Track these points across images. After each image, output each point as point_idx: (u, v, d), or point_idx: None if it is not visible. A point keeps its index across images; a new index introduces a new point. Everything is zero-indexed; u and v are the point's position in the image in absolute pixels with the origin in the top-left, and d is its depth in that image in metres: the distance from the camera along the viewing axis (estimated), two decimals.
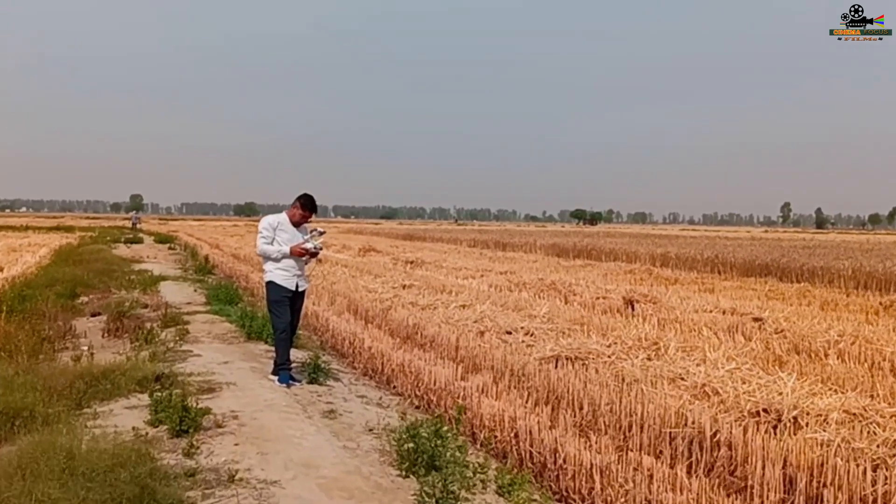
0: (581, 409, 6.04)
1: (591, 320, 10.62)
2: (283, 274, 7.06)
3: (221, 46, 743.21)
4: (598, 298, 13.76)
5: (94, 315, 10.95)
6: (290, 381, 6.73)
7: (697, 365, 6.70)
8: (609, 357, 7.34)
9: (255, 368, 7.14)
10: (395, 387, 7.49)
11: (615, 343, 7.73)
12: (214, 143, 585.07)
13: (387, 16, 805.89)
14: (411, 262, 22.83)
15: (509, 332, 8.99)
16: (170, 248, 30.66)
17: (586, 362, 7.23)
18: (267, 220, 7.09)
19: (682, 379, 6.39)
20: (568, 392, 6.24)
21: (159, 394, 5.42)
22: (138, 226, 61.70)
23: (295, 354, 8.72)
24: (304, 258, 7.21)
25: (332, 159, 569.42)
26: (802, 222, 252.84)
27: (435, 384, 6.65)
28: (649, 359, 7.23)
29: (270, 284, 7.05)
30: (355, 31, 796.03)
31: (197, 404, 5.28)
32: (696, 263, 21.96)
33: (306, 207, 7.08)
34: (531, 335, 8.82)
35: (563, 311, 11.53)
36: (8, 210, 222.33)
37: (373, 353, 8.25)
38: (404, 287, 14.93)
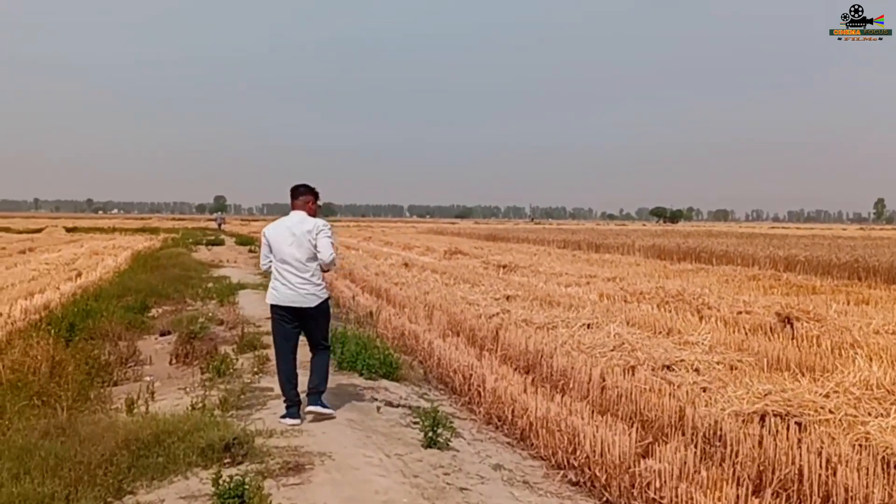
0: None
1: (751, 345, 8.58)
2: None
3: (310, 49, 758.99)
4: (739, 313, 11.61)
5: (162, 334, 9.56)
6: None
7: None
8: (832, 413, 5.33)
9: (355, 423, 5.42)
10: (533, 444, 5.67)
11: (836, 392, 5.68)
12: (294, 144, 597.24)
13: (466, 23, 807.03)
14: (503, 267, 20.99)
15: (668, 367, 7.04)
16: (250, 251, 29.66)
17: (801, 420, 5.24)
18: (327, 222, 5.79)
19: None
20: (806, 477, 4.29)
21: (228, 478, 3.76)
22: (223, 226, 62.21)
23: (397, 391, 7.06)
24: None
25: (407, 160, 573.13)
26: None
27: (602, 456, 4.78)
28: None
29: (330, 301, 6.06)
30: (430, 38, 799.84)
31: (280, 493, 3.61)
32: (829, 268, 19.31)
33: (314, 192, 5.88)
34: (699, 372, 6.85)
35: (705, 330, 9.49)
36: (101, 212, 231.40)
37: (499, 397, 6.44)
38: (507, 298, 13.13)
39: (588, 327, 9.68)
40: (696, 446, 4.99)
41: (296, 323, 5.68)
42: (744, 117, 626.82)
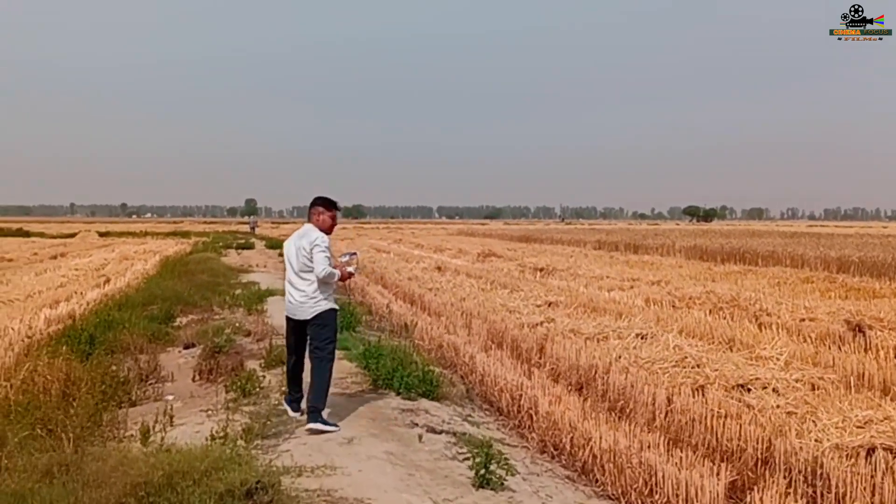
0: None
1: (826, 358, 7.79)
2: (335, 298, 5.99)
3: (337, 51, 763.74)
4: (802, 321, 10.79)
5: (186, 347, 9.00)
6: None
7: None
8: None
9: (395, 457, 4.76)
10: (598, 481, 4.97)
11: None
12: (323, 147, 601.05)
13: (493, 24, 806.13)
14: (541, 270, 20.26)
15: (743, 387, 6.29)
16: (280, 255, 29.24)
17: None
18: (324, 237, 5.79)
19: None
20: None
21: None
22: (256, 230, 61.61)
23: (438, 412, 6.40)
24: None
25: (436, 162, 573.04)
26: None
27: (687, 502, 4.07)
28: None
29: (335, 313, 5.88)
30: (456, 39, 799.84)
31: None
32: (886, 269, 18.25)
33: (335, 207, 6.00)
34: (778, 393, 6.09)
35: (777, 342, 8.70)
36: (135, 216, 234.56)
37: (554, 422, 5.75)
38: (549, 305, 12.41)
39: (642, 338, 8.96)
40: (790, 487, 4.26)
41: (298, 332, 5.84)
42: (775, 116, 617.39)
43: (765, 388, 6.19)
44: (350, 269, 6.08)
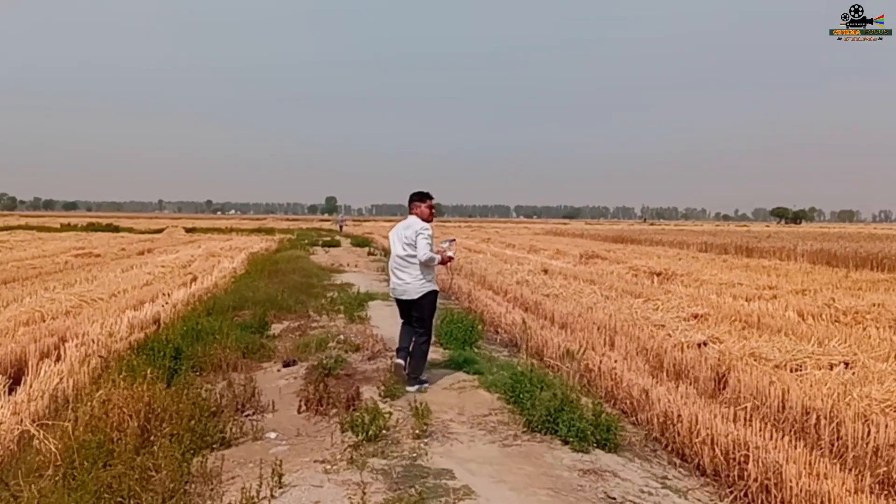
0: None
1: None
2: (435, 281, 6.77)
3: (417, 58, 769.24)
4: None
5: (286, 365, 7.60)
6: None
7: None
8: None
9: None
10: None
11: None
12: (400, 145, 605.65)
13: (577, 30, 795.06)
14: (658, 274, 18.22)
15: None
16: (369, 254, 28.02)
17: None
18: (426, 226, 6.61)
19: None
20: None
21: None
22: (344, 228, 59.97)
23: (626, 473, 4.77)
24: None
25: (514, 161, 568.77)
26: None
27: None
28: None
29: (436, 294, 6.67)
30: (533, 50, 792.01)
31: None
32: None
33: (429, 198, 6.80)
34: None
35: None
36: (219, 212, 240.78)
37: None
38: (696, 318, 10.55)
39: (845, 365, 7.12)
40: None
41: (408, 309, 6.62)
42: (861, 115, 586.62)
43: None
44: (450, 253, 6.91)
